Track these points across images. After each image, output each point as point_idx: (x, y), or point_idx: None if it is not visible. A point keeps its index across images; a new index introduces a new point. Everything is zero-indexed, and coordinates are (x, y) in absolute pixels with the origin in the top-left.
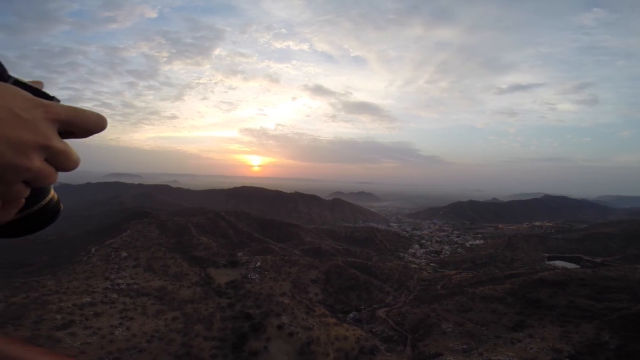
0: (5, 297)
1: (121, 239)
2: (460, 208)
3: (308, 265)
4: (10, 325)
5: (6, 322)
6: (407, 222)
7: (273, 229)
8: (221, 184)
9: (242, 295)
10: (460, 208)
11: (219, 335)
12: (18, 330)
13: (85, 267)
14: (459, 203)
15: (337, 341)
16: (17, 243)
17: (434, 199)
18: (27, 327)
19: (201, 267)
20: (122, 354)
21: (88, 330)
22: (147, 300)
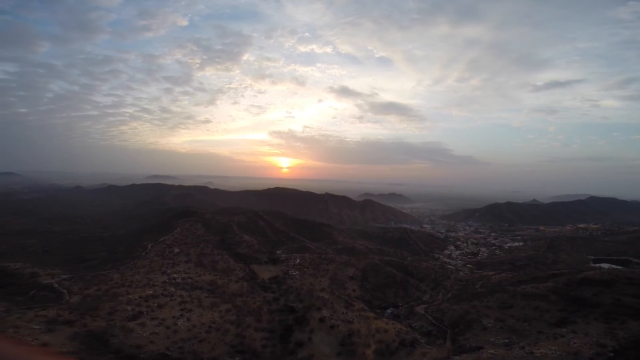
0: (80, 290)
1: (173, 236)
2: (497, 210)
3: (345, 263)
4: (89, 316)
5: (85, 313)
6: (440, 224)
7: (307, 228)
8: (253, 185)
9: (284, 290)
10: (497, 210)
11: (268, 326)
12: (95, 321)
13: (144, 262)
14: (496, 205)
15: (377, 333)
16: (75, 240)
17: (468, 200)
18: (103, 317)
19: (245, 263)
20: (185, 343)
21: (154, 321)
22: (200, 293)
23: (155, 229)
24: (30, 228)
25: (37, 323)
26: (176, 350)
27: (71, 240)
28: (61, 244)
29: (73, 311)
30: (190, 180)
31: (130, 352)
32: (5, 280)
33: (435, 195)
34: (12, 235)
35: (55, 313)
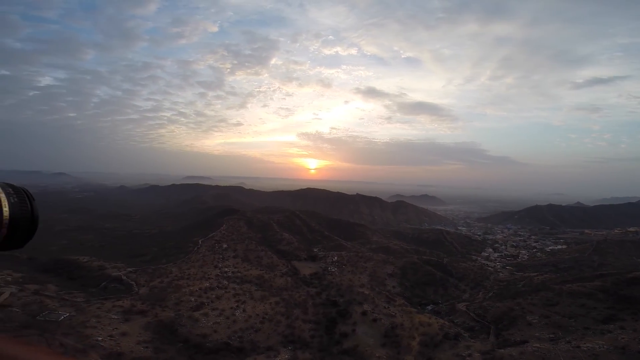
0: (146, 282)
1: (220, 232)
2: (538, 212)
3: (383, 261)
4: (158, 306)
5: (154, 304)
6: (477, 226)
7: (340, 228)
8: (283, 186)
9: (325, 285)
10: (538, 212)
11: (314, 318)
12: (164, 311)
13: (197, 257)
14: (537, 207)
15: (421, 327)
16: (127, 236)
17: (505, 203)
18: (170, 308)
19: (286, 260)
20: (244, 333)
21: (215, 311)
22: (250, 286)
23: (201, 226)
24: (86, 225)
25: (115, 313)
26: (236, 339)
27: (123, 236)
28: (115, 240)
29: (144, 302)
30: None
31: (197, 341)
32: (76, 273)
33: (469, 197)
34: (71, 231)
35: (130, 304)
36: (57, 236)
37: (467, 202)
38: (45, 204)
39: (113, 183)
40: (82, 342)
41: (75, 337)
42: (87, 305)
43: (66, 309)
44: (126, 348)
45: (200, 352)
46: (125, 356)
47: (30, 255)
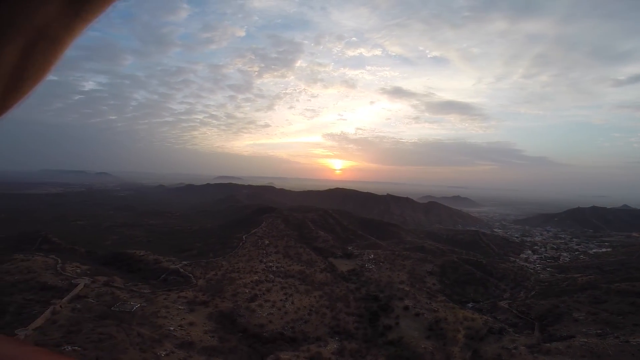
0: (202, 274)
1: (261, 229)
2: (580, 215)
3: (421, 260)
4: (218, 297)
5: (214, 295)
6: (513, 228)
7: (373, 227)
8: (310, 186)
9: (364, 281)
10: (580, 215)
11: (356, 312)
12: (223, 302)
13: (243, 252)
14: (579, 209)
15: (465, 321)
16: (171, 232)
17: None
18: (228, 299)
19: (323, 257)
20: (295, 324)
21: (268, 303)
22: (294, 281)
23: (240, 224)
24: (132, 221)
25: (180, 304)
26: (289, 329)
27: (168, 232)
28: (161, 236)
29: (205, 293)
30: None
31: (255, 331)
32: (134, 266)
33: (504, 199)
34: (119, 227)
35: (192, 295)
36: (107, 232)
37: (501, 204)
38: (93, 201)
39: (151, 182)
40: (156, 331)
41: (149, 327)
42: (154, 297)
43: (136, 299)
44: (195, 337)
45: (258, 341)
46: (195, 345)
47: (88, 249)
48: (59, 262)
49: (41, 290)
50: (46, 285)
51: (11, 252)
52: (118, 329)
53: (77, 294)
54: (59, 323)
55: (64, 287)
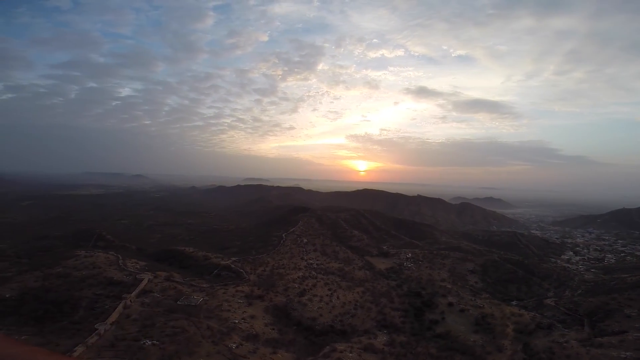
0: (252, 270)
1: (299, 228)
2: (625, 216)
3: (462, 259)
4: (271, 292)
5: (268, 290)
6: (552, 230)
7: (406, 228)
8: (335, 187)
9: (404, 279)
10: (625, 216)
11: (401, 307)
12: (277, 296)
13: (285, 249)
14: (624, 210)
15: (512, 316)
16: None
17: (584, 206)
18: (281, 293)
19: (360, 255)
20: (343, 317)
21: (316, 297)
22: (334, 277)
23: (276, 223)
24: (171, 220)
25: (239, 298)
26: (338, 323)
27: (207, 231)
28: (201, 234)
29: (259, 288)
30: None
31: (308, 324)
32: (185, 262)
33: (540, 200)
34: (160, 226)
35: (249, 289)
36: (150, 230)
37: (537, 205)
38: (132, 202)
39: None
40: (223, 324)
41: (216, 320)
42: (213, 291)
43: (198, 294)
44: (259, 330)
45: (312, 333)
46: (260, 337)
47: (137, 246)
48: (120, 258)
49: (109, 285)
50: (113, 281)
51: (71, 249)
52: (189, 323)
53: (143, 289)
54: (133, 317)
55: (130, 282)
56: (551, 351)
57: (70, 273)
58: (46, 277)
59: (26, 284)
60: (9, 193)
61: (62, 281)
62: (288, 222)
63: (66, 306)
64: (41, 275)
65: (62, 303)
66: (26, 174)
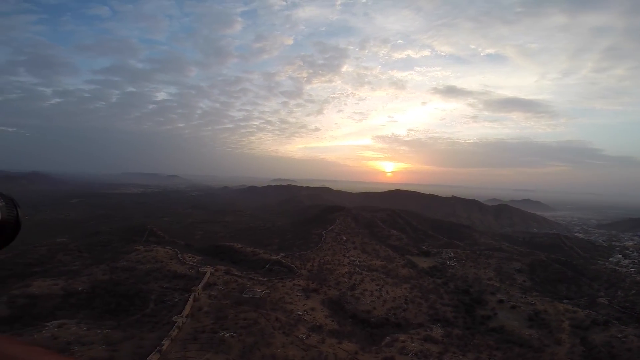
0: (301, 265)
1: (337, 226)
2: None
3: (507, 258)
4: (325, 286)
5: (321, 284)
6: (597, 233)
7: (444, 228)
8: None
9: (449, 277)
10: None
11: (450, 303)
12: (330, 290)
13: (326, 246)
14: None
15: (566, 312)
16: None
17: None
18: (334, 287)
19: (400, 254)
20: (396, 311)
21: (367, 292)
22: (378, 274)
23: (312, 221)
24: (209, 218)
25: (297, 291)
26: (392, 316)
27: (245, 228)
28: (239, 232)
29: (313, 282)
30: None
31: (363, 317)
32: (236, 257)
33: (582, 202)
34: (200, 223)
35: (305, 283)
36: (191, 227)
37: (579, 208)
38: (170, 201)
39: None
40: (289, 316)
41: (281, 312)
42: (272, 284)
43: (259, 287)
44: (321, 321)
45: (368, 325)
46: (323, 328)
47: (185, 241)
48: (178, 252)
49: (173, 278)
50: (177, 274)
51: (125, 243)
52: (258, 315)
53: (208, 282)
54: (204, 310)
55: (193, 275)
56: (610, 345)
57: (135, 267)
58: (113, 270)
59: (95, 277)
60: (58, 191)
61: (128, 274)
62: (324, 221)
63: (137, 299)
64: (108, 269)
65: (132, 296)
66: (71, 174)
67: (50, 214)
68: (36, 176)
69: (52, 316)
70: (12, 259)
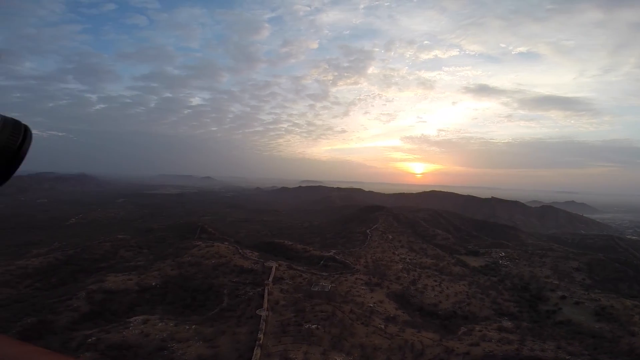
0: (355, 261)
1: (381, 225)
2: None
3: (563, 257)
4: (386, 280)
5: (381, 279)
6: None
7: (488, 229)
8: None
9: (503, 275)
10: None
11: (511, 298)
12: (392, 284)
13: (374, 244)
14: None
15: (635, 308)
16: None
17: None
18: (395, 282)
19: (448, 253)
20: (460, 305)
21: (428, 287)
22: (430, 271)
23: (352, 220)
24: (249, 217)
25: (360, 285)
26: (458, 309)
27: (284, 227)
28: (279, 230)
29: (374, 276)
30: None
31: (430, 309)
32: (288, 253)
33: (632, 205)
34: (241, 222)
35: (367, 278)
36: (233, 226)
37: (629, 210)
38: (208, 201)
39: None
40: (361, 308)
41: (353, 304)
42: (334, 278)
43: (324, 281)
44: (393, 312)
45: (437, 318)
46: (397, 319)
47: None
48: (239, 248)
49: (241, 272)
50: (244, 269)
51: (181, 240)
52: (333, 307)
53: (275, 276)
54: (281, 303)
55: (259, 269)
56: None
57: (201, 262)
58: (180, 265)
59: (165, 272)
60: (104, 192)
61: (196, 269)
62: (364, 220)
63: (210, 293)
64: (175, 264)
65: (205, 290)
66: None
67: (101, 212)
68: (84, 177)
69: (131, 311)
70: (79, 255)
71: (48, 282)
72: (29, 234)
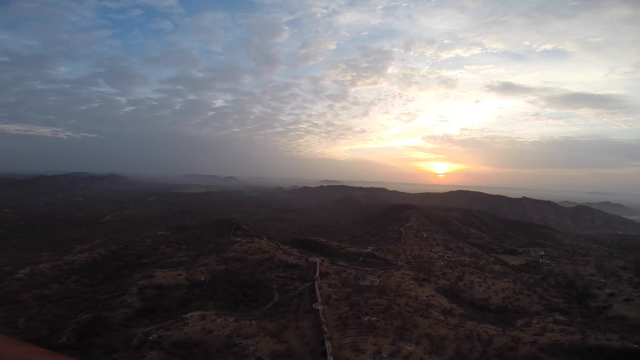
0: (394, 258)
1: (414, 223)
2: None
3: (607, 256)
4: (432, 276)
5: (427, 275)
6: None
7: (521, 228)
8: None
9: (545, 273)
10: None
11: (558, 295)
12: (439, 280)
13: (409, 242)
14: None
15: None
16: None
17: None
18: (441, 277)
19: (485, 252)
20: (509, 300)
21: (474, 283)
22: (469, 269)
23: (381, 219)
24: (275, 216)
25: (408, 280)
26: (508, 304)
27: (310, 225)
28: (307, 228)
29: (420, 272)
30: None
31: (481, 304)
32: (323, 250)
33: None
34: (269, 220)
35: (414, 273)
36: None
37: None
38: (233, 200)
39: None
40: (416, 301)
41: (406, 298)
42: (380, 273)
43: (371, 276)
44: (447, 306)
45: (488, 312)
46: (454, 312)
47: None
48: (279, 244)
49: (286, 268)
50: (288, 264)
51: (217, 236)
52: (388, 301)
53: (320, 271)
54: (333, 298)
55: (303, 265)
56: None
57: (245, 257)
58: (224, 261)
59: (212, 267)
60: (134, 191)
61: (242, 265)
62: (395, 219)
63: (260, 288)
64: (219, 259)
65: (255, 285)
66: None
67: (134, 210)
68: (114, 177)
69: (185, 307)
70: (123, 250)
71: (94, 277)
72: (70, 231)
